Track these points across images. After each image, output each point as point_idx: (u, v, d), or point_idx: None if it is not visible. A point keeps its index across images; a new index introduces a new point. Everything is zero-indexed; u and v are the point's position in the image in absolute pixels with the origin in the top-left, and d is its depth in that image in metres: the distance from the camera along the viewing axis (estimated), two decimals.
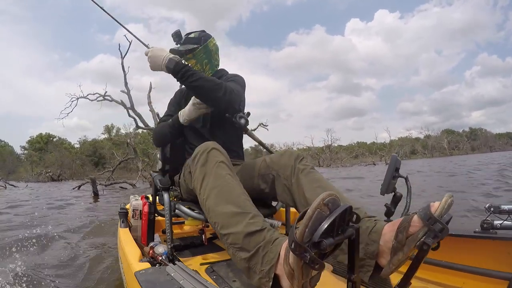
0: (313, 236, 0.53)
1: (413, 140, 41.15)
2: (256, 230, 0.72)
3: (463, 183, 5.89)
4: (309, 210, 0.54)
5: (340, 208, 0.55)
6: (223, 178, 0.86)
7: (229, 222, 0.76)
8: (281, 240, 0.68)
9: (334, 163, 27.81)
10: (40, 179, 20.90)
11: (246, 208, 0.78)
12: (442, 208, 0.62)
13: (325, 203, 0.54)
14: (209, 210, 0.83)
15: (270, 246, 0.68)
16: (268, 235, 0.70)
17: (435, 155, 35.86)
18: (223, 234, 0.77)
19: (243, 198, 0.82)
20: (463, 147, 39.31)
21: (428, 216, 0.62)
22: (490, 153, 33.29)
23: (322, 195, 0.55)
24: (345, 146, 37.83)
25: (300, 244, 0.53)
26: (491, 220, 0.85)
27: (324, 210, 0.54)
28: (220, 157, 0.91)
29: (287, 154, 1.00)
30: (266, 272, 0.66)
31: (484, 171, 8.55)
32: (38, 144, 33.99)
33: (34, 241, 2.44)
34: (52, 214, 4.17)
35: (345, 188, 6.15)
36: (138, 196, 1.53)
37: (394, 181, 1.12)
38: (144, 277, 0.75)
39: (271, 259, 0.66)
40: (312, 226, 0.53)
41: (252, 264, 0.70)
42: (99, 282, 1.63)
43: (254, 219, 0.75)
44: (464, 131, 47.64)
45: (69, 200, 6.41)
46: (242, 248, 0.72)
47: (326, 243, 0.52)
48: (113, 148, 23.79)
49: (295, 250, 0.54)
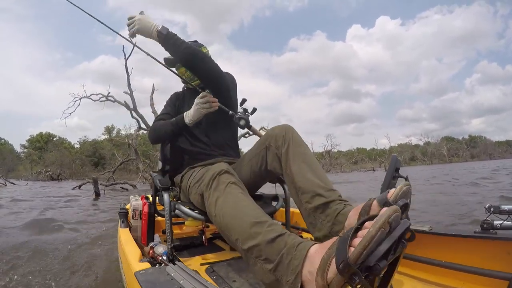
0: (368, 258, 0.47)
1: (412, 146, 41.38)
2: (276, 236, 0.69)
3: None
4: (371, 229, 0.48)
5: (401, 226, 0.49)
6: (236, 196, 0.86)
7: (249, 234, 0.73)
8: (305, 244, 0.64)
9: (333, 168, 27.85)
10: (40, 178, 20.92)
11: (262, 218, 0.76)
12: (397, 194, 0.69)
13: (389, 221, 0.49)
14: (227, 228, 0.81)
15: (294, 252, 0.63)
16: (290, 240, 0.67)
17: (435, 162, 35.99)
18: (247, 250, 0.73)
19: (257, 210, 0.81)
20: (462, 154, 39.47)
21: (384, 200, 0.69)
22: (490, 160, 33.21)
23: (388, 212, 0.49)
24: (345, 151, 37.94)
25: (352, 266, 0.47)
26: (491, 220, 0.85)
27: (386, 229, 0.48)
28: (230, 179, 0.92)
29: (280, 126, 1.05)
30: (292, 282, 0.61)
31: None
32: (38, 143, 34.08)
33: (35, 239, 2.45)
34: (53, 213, 4.18)
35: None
36: (138, 196, 1.53)
37: (394, 181, 1.12)
38: (144, 277, 0.75)
39: (295, 266, 0.61)
40: (371, 247, 0.47)
41: (278, 275, 0.64)
42: (99, 282, 1.63)
43: (272, 226, 0.73)
44: (463, 139, 47.90)
45: (70, 199, 6.42)
46: (266, 259, 0.68)
47: (380, 267, 0.46)
48: (114, 149, 23.80)
49: (343, 270, 0.47)
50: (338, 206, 0.83)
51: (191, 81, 1.35)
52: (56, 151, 27.61)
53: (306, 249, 0.61)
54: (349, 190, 6.80)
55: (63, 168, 23.93)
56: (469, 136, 49.75)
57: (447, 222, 2.83)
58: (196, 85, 1.31)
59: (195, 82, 1.34)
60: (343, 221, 0.78)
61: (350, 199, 0.89)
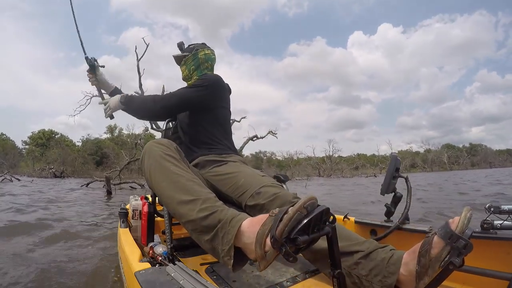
0: (290, 234, 0.60)
1: (413, 153, 41.40)
2: (209, 213, 0.78)
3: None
4: (289, 211, 0.61)
5: (317, 209, 0.62)
6: (167, 169, 0.91)
7: (184, 211, 0.82)
8: (237, 219, 0.74)
9: (334, 173, 27.87)
10: (43, 175, 20.83)
11: (195, 194, 0.84)
12: (463, 223, 0.60)
13: (305, 206, 0.60)
14: (166, 204, 0.89)
15: (228, 227, 0.74)
16: (223, 216, 0.76)
17: (435, 169, 36.07)
18: (183, 223, 0.84)
19: (190, 184, 0.87)
20: (463, 162, 39.46)
21: (449, 234, 0.60)
22: (490, 169, 33.13)
23: (303, 199, 0.62)
24: (345, 157, 37.91)
25: (278, 239, 0.60)
26: (491, 220, 0.85)
27: (303, 212, 0.61)
28: (159, 150, 0.95)
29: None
30: (227, 251, 0.72)
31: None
32: (40, 140, 33.83)
33: (39, 237, 2.46)
34: (64, 211, 4.19)
35: None
36: (137, 197, 1.53)
37: (394, 181, 1.12)
38: (144, 277, 0.75)
39: (229, 240, 0.72)
40: (291, 225, 0.60)
41: (214, 245, 0.76)
42: (99, 282, 1.62)
43: (205, 204, 0.81)
44: (464, 147, 47.90)
45: (81, 197, 6.45)
46: (202, 231, 0.79)
47: (300, 239, 0.60)
48: (117, 148, 23.72)
49: (273, 244, 0.61)
50: (384, 255, 0.75)
51: (189, 80, 1.41)
52: (58, 148, 27.47)
53: (238, 225, 0.72)
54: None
55: (65, 166, 23.85)
56: (469, 144, 49.79)
57: None
58: (190, 84, 1.34)
59: (189, 82, 1.40)
60: (395, 272, 0.71)
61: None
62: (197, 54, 1.38)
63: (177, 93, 1.27)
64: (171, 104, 1.25)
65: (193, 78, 1.39)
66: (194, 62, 1.38)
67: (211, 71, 1.41)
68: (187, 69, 1.40)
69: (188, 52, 1.39)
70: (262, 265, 0.65)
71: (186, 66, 1.40)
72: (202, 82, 1.27)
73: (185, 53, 1.39)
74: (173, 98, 1.25)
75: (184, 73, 1.42)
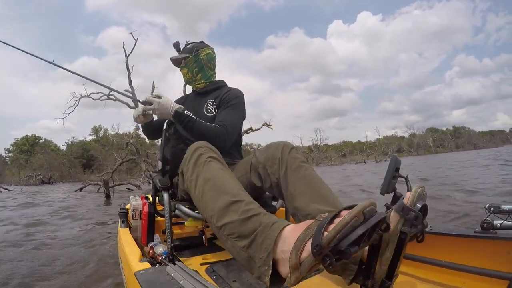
0: (340, 243, 0.50)
1: (398, 138, 42.08)
2: (252, 215, 0.70)
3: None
4: (346, 216, 0.51)
5: (376, 217, 0.53)
6: (215, 171, 0.86)
7: (225, 212, 0.74)
8: (279, 224, 0.66)
9: (323, 161, 27.93)
10: (31, 182, 20.44)
11: (240, 197, 0.76)
12: (413, 197, 0.64)
13: (364, 212, 0.52)
14: (205, 206, 0.81)
15: (268, 231, 0.65)
16: (265, 219, 0.68)
17: (421, 153, 36.58)
18: (219, 227, 0.74)
19: (236, 188, 0.81)
20: (447, 145, 40.05)
21: (402, 207, 0.64)
22: (475, 150, 33.62)
23: (363, 204, 0.53)
24: (332, 145, 38.43)
25: (324, 247, 0.51)
26: (491, 220, 0.85)
27: (360, 218, 0.52)
28: (209, 153, 0.92)
29: (274, 146, 0.97)
30: (265, 259, 0.63)
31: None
32: (24, 146, 33.24)
33: (42, 237, 2.46)
34: (65, 217, 4.16)
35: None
36: (138, 196, 1.52)
37: (394, 181, 1.12)
38: (144, 277, 0.75)
39: (268, 244, 0.63)
40: (344, 232, 0.51)
41: (251, 252, 0.66)
42: (99, 282, 1.63)
43: (249, 206, 0.73)
44: (448, 130, 48.56)
45: (81, 200, 6.40)
46: (239, 236, 0.69)
47: (351, 252, 0.50)
48: (103, 150, 23.29)
49: (317, 253, 0.52)
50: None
51: (193, 82, 1.36)
52: (43, 154, 26.96)
53: (280, 229, 0.64)
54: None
55: (52, 171, 23.51)
56: (453, 127, 50.59)
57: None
58: (198, 87, 1.32)
59: (198, 84, 1.36)
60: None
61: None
62: (198, 55, 1.32)
63: (238, 120, 1.27)
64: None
65: (198, 80, 1.34)
66: (196, 64, 1.32)
67: (214, 71, 1.38)
68: (189, 71, 1.33)
69: (187, 53, 1.32)
70: (293, 278, 0.56)
71: (188, 69, 1.33)
72: (239, 100, 1.29)
73: (184, 55, 1.32)
74: (238, 126, 1.27)
75: (187, 76, 1.35)
